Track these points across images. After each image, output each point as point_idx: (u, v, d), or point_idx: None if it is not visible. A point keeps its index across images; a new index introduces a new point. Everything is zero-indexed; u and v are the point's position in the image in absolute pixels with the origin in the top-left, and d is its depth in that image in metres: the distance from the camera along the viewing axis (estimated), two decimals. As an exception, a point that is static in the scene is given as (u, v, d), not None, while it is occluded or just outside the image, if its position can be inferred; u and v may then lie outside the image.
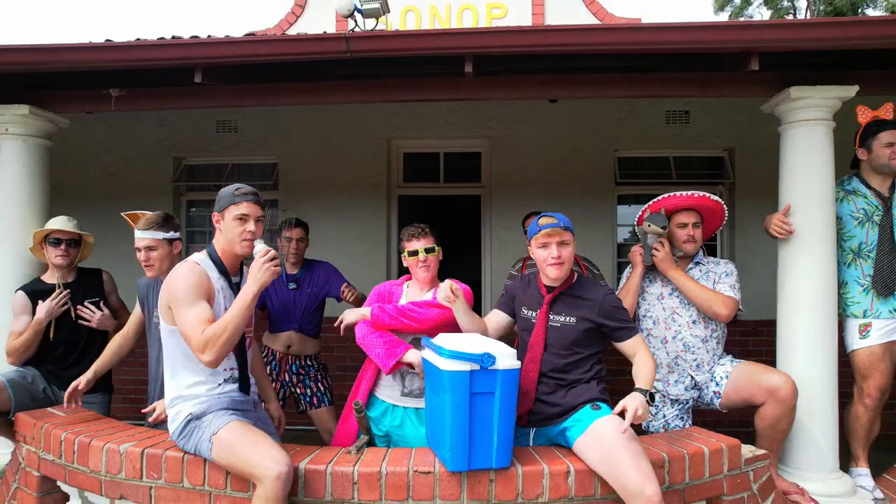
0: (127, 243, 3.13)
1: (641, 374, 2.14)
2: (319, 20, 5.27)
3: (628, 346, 2.24)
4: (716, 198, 2.65)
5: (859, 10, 15.94)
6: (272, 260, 1.99)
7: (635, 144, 5.04)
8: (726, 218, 2.77)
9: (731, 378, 2.58)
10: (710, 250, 5.07)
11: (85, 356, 2.91)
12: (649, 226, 2.65)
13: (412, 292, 2.55)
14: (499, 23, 5.20)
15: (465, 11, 5.18)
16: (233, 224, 2.09)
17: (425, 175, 5.27)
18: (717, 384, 2.62)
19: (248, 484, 2.03)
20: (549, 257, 2.22)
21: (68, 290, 2.87)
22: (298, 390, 3.22)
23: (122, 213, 2.69)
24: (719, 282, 2.66)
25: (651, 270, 2.76)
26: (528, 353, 2.26)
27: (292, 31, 5.29)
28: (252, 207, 2.11)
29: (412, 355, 2.32)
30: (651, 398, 2.03)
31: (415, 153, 5.27)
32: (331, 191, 5.02)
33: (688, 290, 2.62)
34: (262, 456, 1.90)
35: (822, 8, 17.44)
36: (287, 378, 3.23)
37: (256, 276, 1.97)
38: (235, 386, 2.14)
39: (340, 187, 5.02)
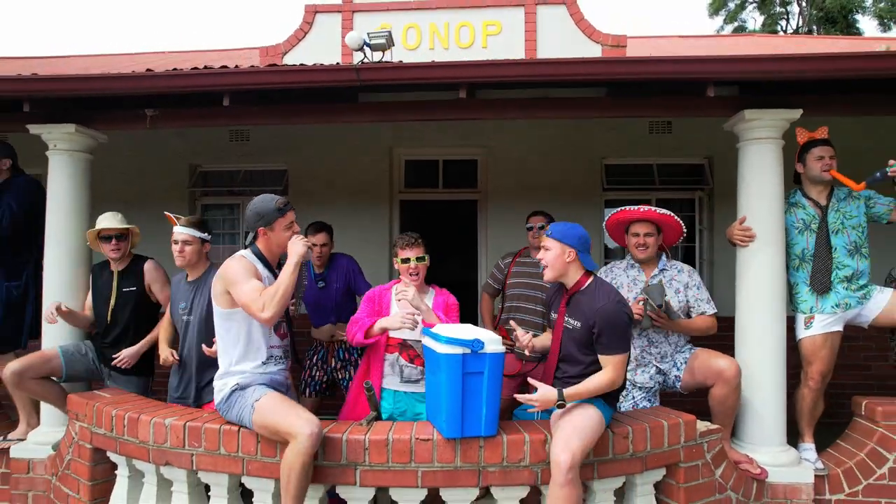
0: (146, 241, 3.50)
1: (582, 383, 2.32)
2: (326, 36, 5.63)
3: (601, 360, 2.35)
4: (664, 211, 2.96)
5: (849, 16, 16.29)
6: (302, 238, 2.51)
7: (621, 153, 5.41)
8: (684, 230, 3.08)
9: (687, 364, 2.96)
10: (690, 251, 5.46)
11: (123, 338, 3.23)
12: (647, 301, 2.88)
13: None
14: (494, 39, 5.56)
15: (462, 28, 5.55)
16: (285, 232, 2.55)
17: (425, 181, 5.65)
18: (678, 370, 3.00)
19: (274, 450, 2.41)
20: (537, 254, 2.59)
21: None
22: (340, 375, 3.60)
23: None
24: (696, 302, 3.01)
25: (630, 269, 3.12)
26: (551, 348, 2.55)
27: (301, 47, 5.65)
28: (293, 214, 2.59)
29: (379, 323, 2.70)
30: (561, 406, 2.29)
31: (415, 160, 5.65)
32: (337, 196, 5.39)
33: (688, 330, 3.01)
34: (297, 417, 2.29)
35: (813, 12, 17.81)
36: (333, 364, 3.62)
37: (294, 250, 2.44)
38: (276, 368, 2.54)
39: (346, 192, 5.39)
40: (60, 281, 3.33)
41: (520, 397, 2.34)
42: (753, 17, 19.01)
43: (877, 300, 3.01)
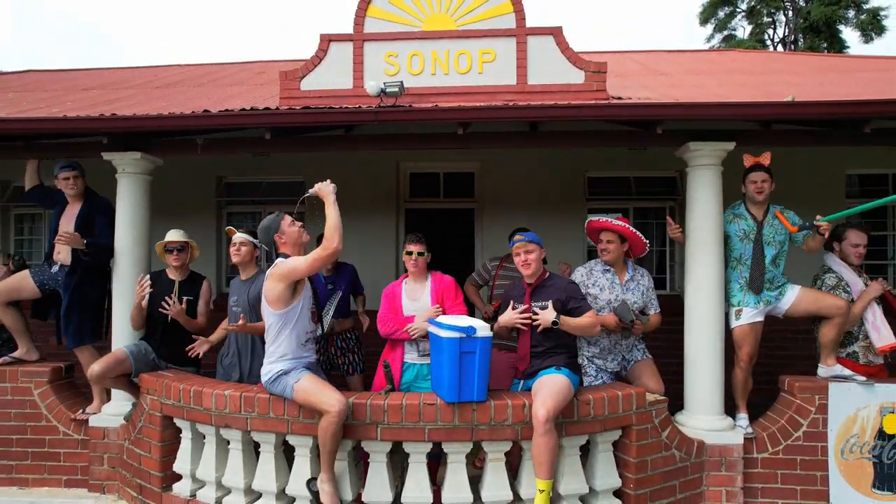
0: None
1: (574, 318, 3.18)
2: (339, 62, 6.26)
3: (583, 317, 3.22)
4: (619, 223, 3.59)
5: (833, 26, 16.95)
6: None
7: (602, 167, 6.10)
8: (647, 246, 3.66)
9: (632, 370, 3.67)
10: (662, 255, 6.16)
11: (173, 337, 3.89)
12: (620, 320, 3.49)
13: (409, 286, 3.62)
14: (489, 65, 6.18)
15: (460, 56, 6.19)
16: (290, 227, 3.22)
17: (428, 191, 6.35)
18: (635, 360, 3.69)
19: (313, 413, 3.08)
20: (520, 261, 3.31)
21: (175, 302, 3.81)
22: (339, 361, 4.30)
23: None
24: (651, 302, 3.69)
25: (606, 273, 3.72)
26: (523, 331, 3.28)
27: (317, 71, 6.25)
28: (288, 216, 3.27)
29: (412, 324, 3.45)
30: (555, 324, 3.13)
31: (419, 173, 6.36)
32: (350, 205, 5.99)
33: (649, 330, 3.67)
34: (328, 396, 2.95)
35: (799, 21, 18.47)
36: (333, 351, 4.32)
37: (324, 190, 3.16)
38: (311, 350, 3.20)
39: (358, 202, 6.06)
40: (129, 284, 3.99)
41: (534, 307, 3.20)
42: (742, 26, 19.68)
43: (788, 296, 3.70)
